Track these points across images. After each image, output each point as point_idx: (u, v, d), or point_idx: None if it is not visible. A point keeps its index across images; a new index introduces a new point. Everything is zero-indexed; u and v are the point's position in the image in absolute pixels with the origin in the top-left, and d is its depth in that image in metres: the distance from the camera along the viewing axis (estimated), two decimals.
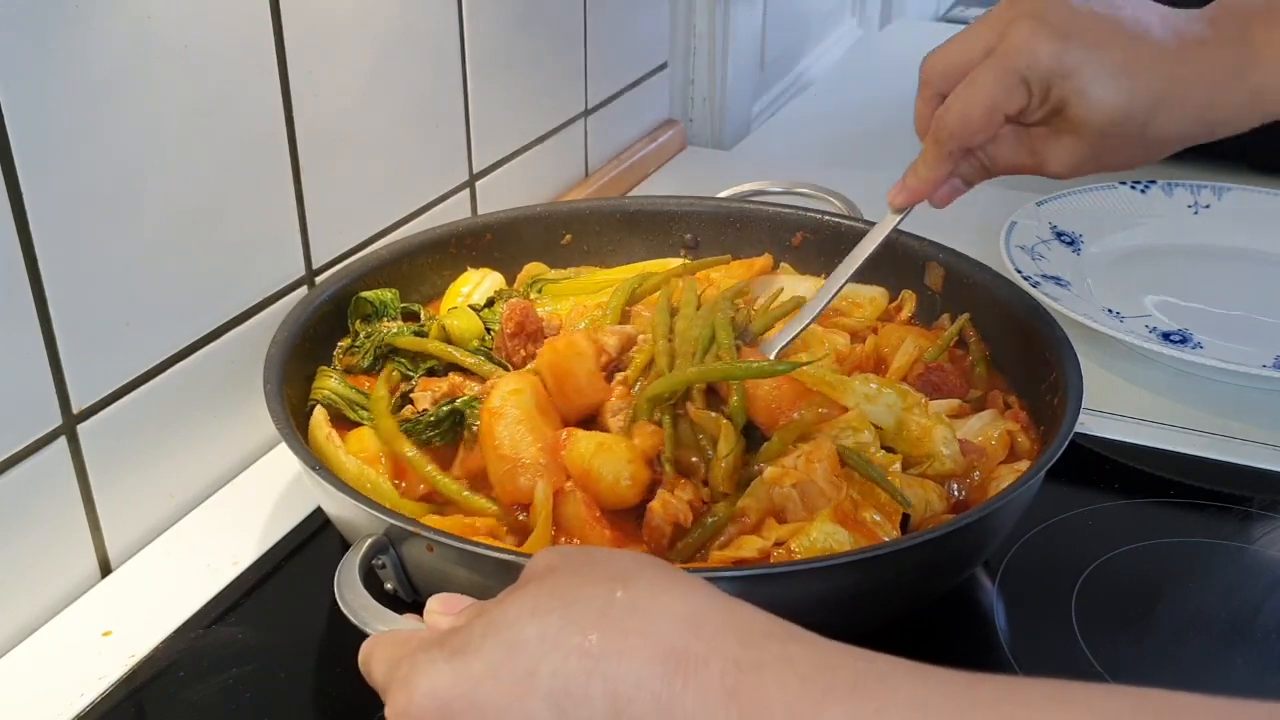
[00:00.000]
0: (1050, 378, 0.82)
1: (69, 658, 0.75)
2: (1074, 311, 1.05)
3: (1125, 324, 1.10)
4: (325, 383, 0.87)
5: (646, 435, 0.78)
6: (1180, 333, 1.09)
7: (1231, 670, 0.76)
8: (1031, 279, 1.10)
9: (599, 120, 1.39)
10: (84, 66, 0.74)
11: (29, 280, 0.73)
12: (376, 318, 0.93)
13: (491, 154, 1.19)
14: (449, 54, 1.09)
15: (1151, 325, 1.11)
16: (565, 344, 0.84)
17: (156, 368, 0.84)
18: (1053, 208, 1.26)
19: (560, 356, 0.83)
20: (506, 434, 0.78)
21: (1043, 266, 1.16)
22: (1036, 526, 0.84)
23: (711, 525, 0.74)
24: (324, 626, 0.76)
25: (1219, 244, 1.26)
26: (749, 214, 1.08)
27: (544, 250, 1.05)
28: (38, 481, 0.76)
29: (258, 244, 0.91)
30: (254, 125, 0.88)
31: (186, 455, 0.88)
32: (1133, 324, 1.10)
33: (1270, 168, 1.48)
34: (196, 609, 0.78)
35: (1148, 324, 1.11)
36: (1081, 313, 1.06)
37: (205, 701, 0.72)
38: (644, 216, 1.08)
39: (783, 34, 1.87)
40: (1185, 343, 1.08)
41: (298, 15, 0.89)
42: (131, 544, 0.84)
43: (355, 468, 0.80)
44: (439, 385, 0.87)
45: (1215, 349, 1.06)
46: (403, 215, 1.08)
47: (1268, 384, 1.02)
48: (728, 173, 1.26)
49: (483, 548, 0.66)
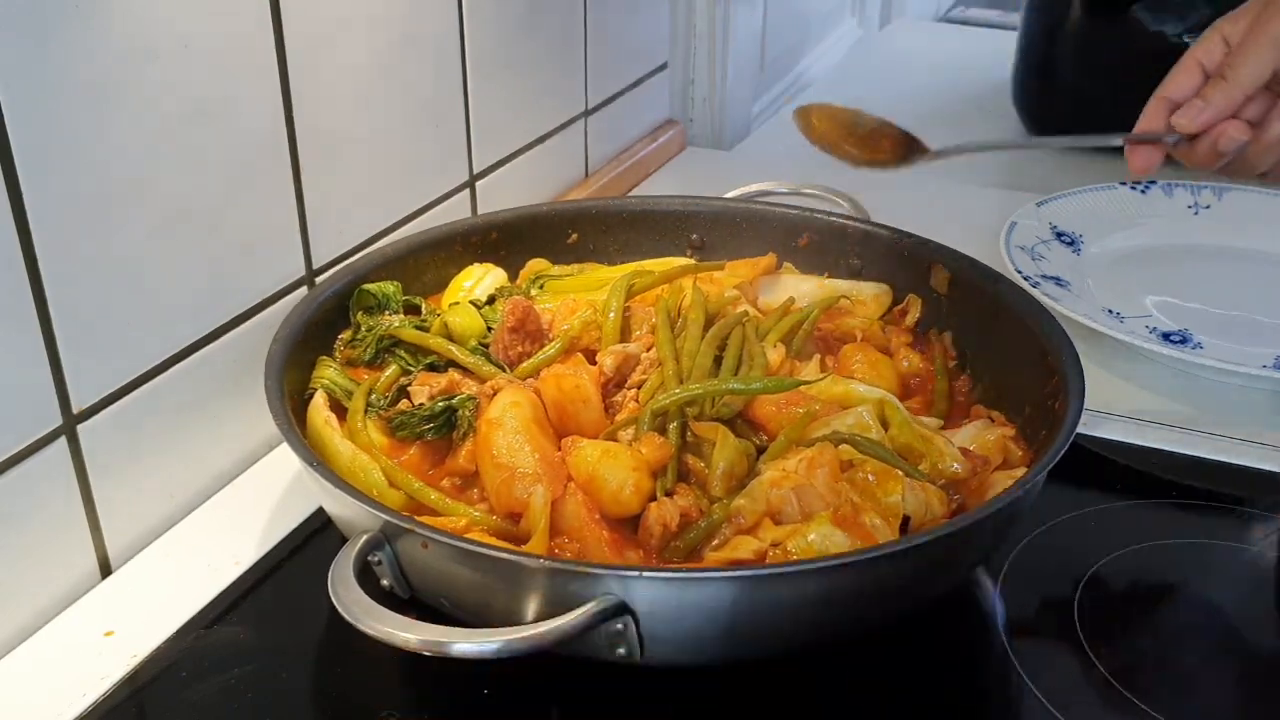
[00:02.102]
0: (1052, 381, 0.82)
1: (70, 658, 0.75)
2: (1074, 311, 1.05)
3: (1125, 324, 1.10)
4: (324, 372, 0.87)
5: (655, 447, 0.78)
6: (1180, 333, 1.09)
7: (1232, 671, 0.76)
8: (1031, 279, 1.10)
9: (599, 120, 1.39)
10: (84, 66, 0.73)
11: (29, 280, 0.73)
12: (379, 310, 0.93)
13: (492, 154, 1.19)
14: (449, 54, 1.09)
15: (1151, 325, 1.10)
16: (572, 387, 0.82)
17: (156, 368, 0.84)
18: (1053, 208, 1.26)
19: (566, 398, 0.82)
20: (505, 444, 0.78)
21: (1043, 267, 1.16)
22: (1038, 528, 0.84)
23: (706, 526, 0.74)
24: (324, 626, 0.76)
25: (1219, 244, 1.26)
26: (755, 214, 1.07)
27: (549, 249, 1.05)
28: (38, 482, 0.76)
29: (258, 244, 0.91)
30: (254, 125, 0.88)
31: (187, 455, 0.88)
32: (1133, 324, 1.10)
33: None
34: (197, 609, 0.78)
35: (1148, 324, 1.11)
36: (1081, 313, 1.06)
37: (206, 701, 0.72)
38: (650, 216, 1.08)
39: (783, 34, 1.87)
40: (1185, 343, 1.08)
41: (298, 15, 0.89)
42: (132, 544, 0.84)
43: (349, 453, 0.80)
44: (437, 381, 0.87)
45: (1215, 349, 1.06)
46: (403, 215, 1.08)
47: (1268, 384, 1.02)
48: (728, 173, 1.27)
49: (477, 545, 0.66)
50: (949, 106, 1.70)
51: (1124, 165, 0.92)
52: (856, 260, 1.03)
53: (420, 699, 0.72)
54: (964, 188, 1.41)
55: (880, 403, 0.82)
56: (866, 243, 1.03)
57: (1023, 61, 1.60)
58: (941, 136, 0.90)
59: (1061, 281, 1.14)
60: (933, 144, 0.90)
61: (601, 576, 0.64)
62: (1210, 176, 1.33)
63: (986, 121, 1.65)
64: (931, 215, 0.87)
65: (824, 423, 0.80)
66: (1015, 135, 1.62)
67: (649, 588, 0.64)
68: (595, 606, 0.63)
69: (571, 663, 0.70)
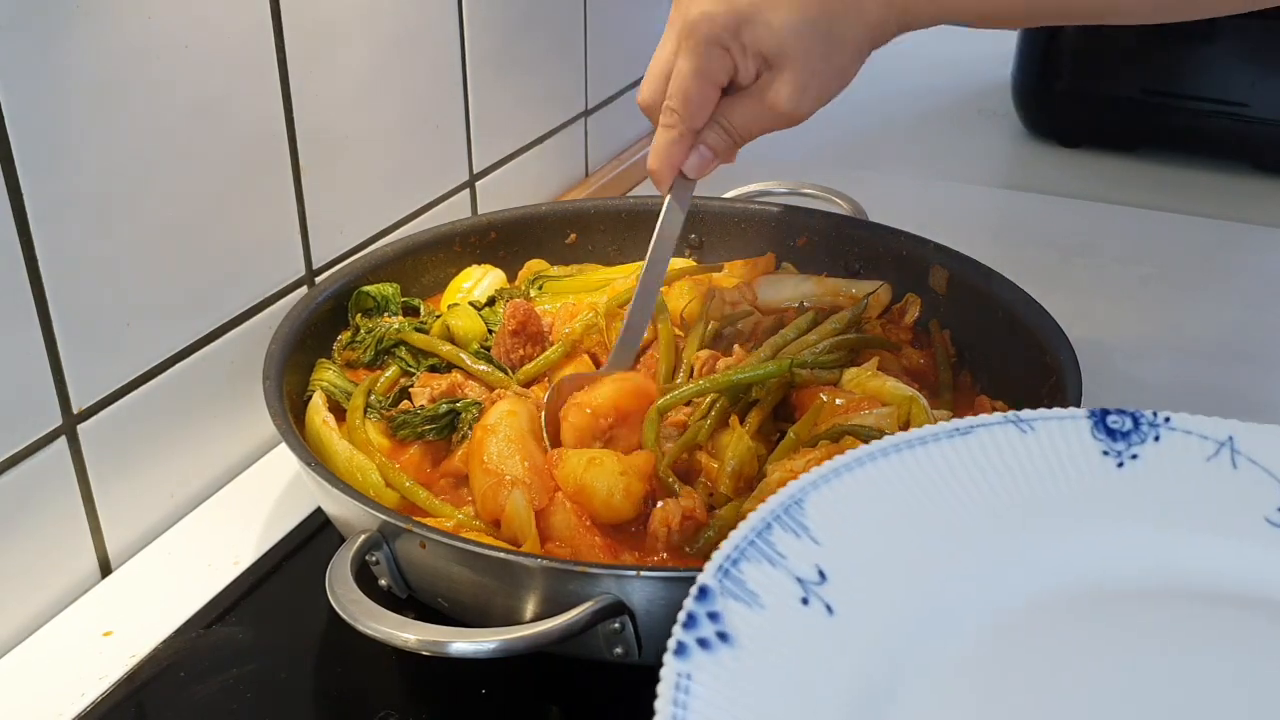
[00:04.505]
0: (1050, 379, 0.82)
1: (70, 658, 0.75)
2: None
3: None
4: (323, 374, 0.87)
5: (640, 453, 0.78)
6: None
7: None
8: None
9: (599, 120, 1.39)
10: (84, 66, 0.74)
11: (29, 280, 0.73)
12: (377, 312, 0.94)
13: (492, 154, 1.19)
14: (449, 54, 1.09)
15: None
16: (607, 492, 0.75)
17: (156, 368, 0.84)
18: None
19: (600, 505, 0.76)
20: (495, 450, 0.78)
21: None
22: None
23: (716, 529, 0.74)
24: (324, 626, 0.76)
25: None
26: (754, 214, 1.07)
27: (548, 249, 1.05)
28: (38, 482, 0.76)
29: (258, 244, 0.91)
30: (254, 125, 0.88)
31: (187, 455, 0.88)
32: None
33: (1271, 167, 1.48)
34: (197, 609, 0.78)
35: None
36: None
37: (206, 701, 0.72)
38: (649, 216, 1.07)
39: None
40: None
41: (298, 15, 0.89)
42: (132, 544, 0.85)
43: (347, 453, 0.80)
44: (439, 383, 0.87)
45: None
46: (403, 215, 1.08)
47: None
48: (726, 172, 1.26)
49: (476, 545, 0.66)
50: (949, 106, 1.69)
51: (1126, 167, 0.91)
52: (855, 260, 1.03)
53: (418, 699, 0.72)
54: (964, 188, 1.41)
55: (910, 400, 0.81)
56: (865, 242, 1.03)
57: (1023, 61, 1.60)
58: (942, 136, 0.91)
59: None
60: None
61: (599, 576, 0.64)
62: (1211, 175, 1.33)
63: (986, 122, 1.65)
64: (931, 215, 0.86)
65: (846, 418, 0.80)
66: (1015, 135, 1.63)
67: (646, 587, 0.64)
68: (593, 606, 0.63)
69: (570, 662, 0.70)
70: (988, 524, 0.59)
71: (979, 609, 0.56)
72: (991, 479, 0.61)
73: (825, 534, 0.56)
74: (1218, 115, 1.45)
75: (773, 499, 0.57)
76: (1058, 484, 0.61)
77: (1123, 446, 0.63)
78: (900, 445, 0.61)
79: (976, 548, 0.58)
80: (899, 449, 0.61)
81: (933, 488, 0.60)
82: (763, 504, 0.57)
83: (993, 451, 0.61)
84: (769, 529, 0.56)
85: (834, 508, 0.58)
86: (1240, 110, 1.44)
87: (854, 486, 0.59)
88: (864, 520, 0.58)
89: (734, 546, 0.55)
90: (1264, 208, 1.40)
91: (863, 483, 0.59)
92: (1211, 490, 0.61)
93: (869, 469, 0.60)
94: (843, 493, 0.58)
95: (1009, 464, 0.61)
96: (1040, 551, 0.58)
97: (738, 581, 0.53)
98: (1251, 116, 1.44)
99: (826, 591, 0.54)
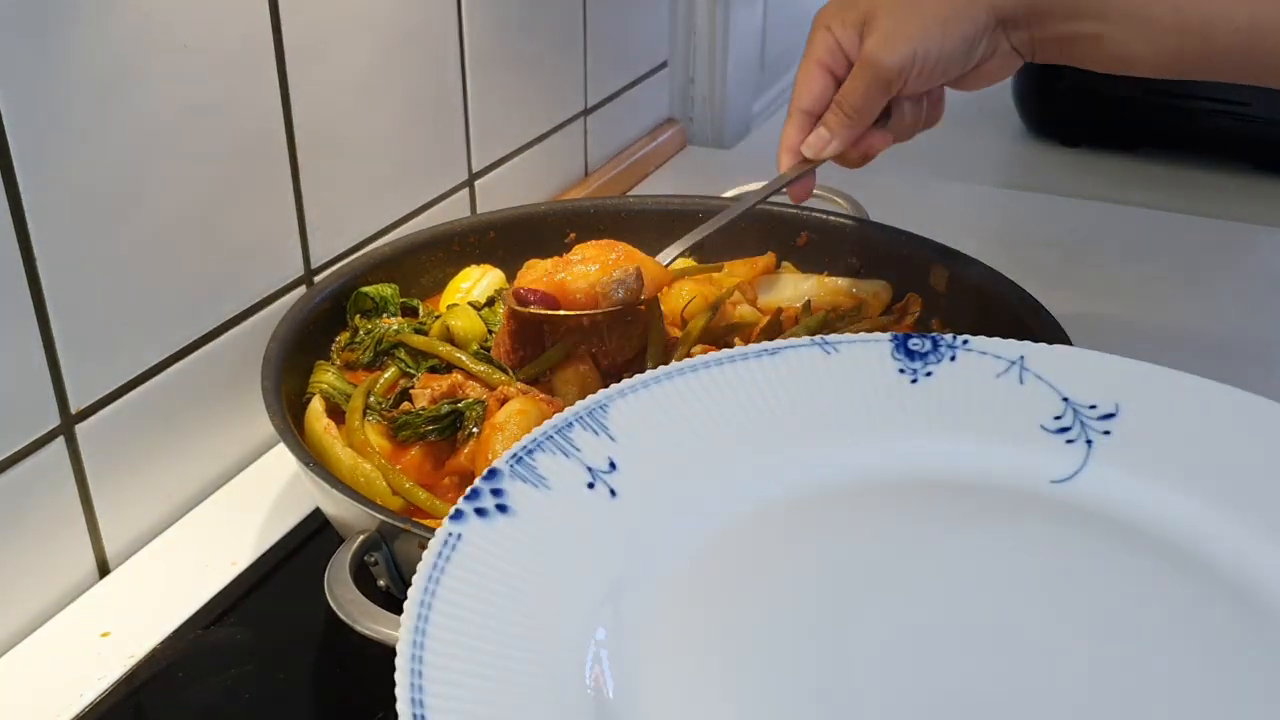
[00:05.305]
0: None
1: (68, 658, 0.75)
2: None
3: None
4: (323, 377, 0.87)
5: None
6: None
7: None
8: None
9: (599, 120, 1.39)
10: (83, 66, 0.73)
11: (28, 280, 0.73)
12: (376, 313, 0.93)
13: (491, 153, 1.19)
14: (449, 53, 1.09)
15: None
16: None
17: (155, 368, 0.84)
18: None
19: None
20: (502, 447, 0.78)
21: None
22: None
23: None
24: (324, 626, 0.76)
25: None
26: (753, 213, 1.07)
27: (547, 249, 1.05)
28: (36, 482, 0.76)
29: (256, 244, 0.91)
30: (253, 125, 0.88)
31: (185, 455, 0.88)
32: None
33: (1271, 167, 1.48)
34: (195, 609, 0.78)
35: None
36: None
37: (205, 702, 0.71)
38: (648, 215, 1.07)
39: (783, 34, 1.87)
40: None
41: (297, 15, 0.89)
42: (130, 544, 0.84)
43: (350, 459, 0.80)
44: (439, 383, 0.87)
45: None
46: (402, 215, 1.08)
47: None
48: (728, 172, 1.26)
49: None
50: (949, 106, 1.69)
51: (1127, 167, 0.91)
52: (855, 259, 1.03)
53: None
54: (965, 187, 1.41)
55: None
56: (865, 242, 1.03)
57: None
58: (942, 136, 0.90)
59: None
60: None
61: None
62: (1211, 174, 1.33)
63: (987, 121, 1.65)
64: (931, 214, 0.86)
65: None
66: (1016, 134, 1.62)
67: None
68: None
69: None
70: (780, 431, 0.63)
71: (759, 503, 0.59)
72: (792, 392, 0.64)
73: (623, 433, 0.60)
74: (1219, 115, 1.45)
75: (578, 404, 0.60)
76: (852, 398, 0.65)
77: (919, 365, 0.66)
78: (710, 362, 0.65)
79: (765, 451, 0.62)
80: (708, 365, 0.65)
81: (735, 400, 0.64)
82: (568, 408, 0.60)
83: (797, 369, 0.65)
84: (569, 427, 0.59)
85: (637, 413, 0.61)
86: (1241, 110, 1.44)
87: (660, 396, 0.62)
88: (663, 424, 0.61)
89: (532, 439, 0.58)
90: (1264, 208, 1.40)
91: (670, 393, 0.63)
92: (995, 401, 0.65)
93: (676, 381, 0.63)
94: (648, 401, 0.62)
95: (809, 381, 0.65)
96: (825, 454, 0.62)
97: (529, 467, 0.56)
98: (1252, 116, 1.44)
99: (614, 479, 0.58)
